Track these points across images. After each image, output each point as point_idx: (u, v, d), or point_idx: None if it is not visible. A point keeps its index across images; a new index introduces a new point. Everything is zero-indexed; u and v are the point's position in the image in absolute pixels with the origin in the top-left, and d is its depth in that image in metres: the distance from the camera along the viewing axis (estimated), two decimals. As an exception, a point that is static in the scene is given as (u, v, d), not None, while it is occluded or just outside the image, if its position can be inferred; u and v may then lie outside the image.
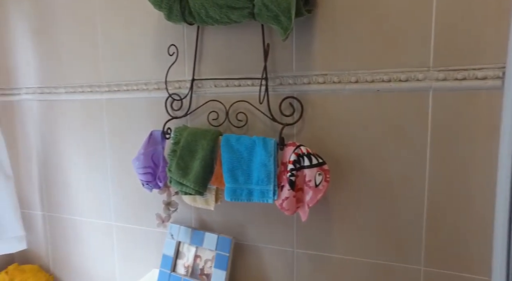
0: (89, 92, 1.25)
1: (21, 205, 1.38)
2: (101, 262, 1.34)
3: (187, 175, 0.94)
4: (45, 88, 1.32)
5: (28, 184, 1.43)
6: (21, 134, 1.41)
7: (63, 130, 1.32)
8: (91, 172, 1.30)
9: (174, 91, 1.08)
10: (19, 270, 1.37)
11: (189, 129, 0.99)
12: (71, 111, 1.30)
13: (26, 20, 1.32)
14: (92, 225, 1.33)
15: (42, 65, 1.32)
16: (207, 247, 1.08)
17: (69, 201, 1.36)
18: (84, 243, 1.36)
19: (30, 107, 1.37)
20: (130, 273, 1.30)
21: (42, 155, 1.39)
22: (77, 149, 1.31)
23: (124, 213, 1.26)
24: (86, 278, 1.39)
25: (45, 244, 1.45)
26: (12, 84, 1.38)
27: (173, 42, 1.06)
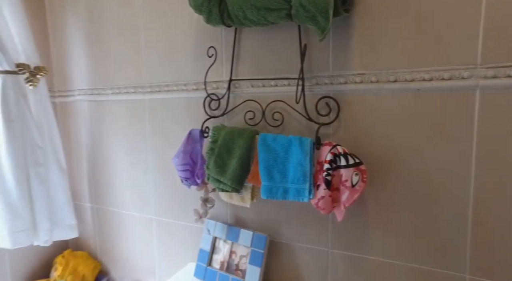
0: (132, 93, 1.33)
1: (73, 197, 1.49)
2: (142, 253, 1.42)
3: (225, 173, 0.97)
4: (94, 89, 1.43)
5: (79, 178, 1.56)
6: (74, 131, 1.54)
7: (110, 128, 1.42)
8: (134, 168, 1.38)
9: (212, 91, 1.12)
10: (72, 255, 1.50)
11: (227, 128, 1.02)
12: (117, 110, 1.39)
13: (81, 31, 1.43)
14: (134, 218, 1.42)
15: (92, 69, 1.43)
16: (242, 244, 1.11)
17: (114, 194, 1.46)
18: (127, 234, 1.45)
19: (82, 107, 1.49)
20: (168, 265, 1.36)
21: (91, 151, 1.50)
22: (122, 146, 1.40)
23: (164, 208, 1.33)
24: (129, 267, 1.48)
25: (93, 233, 1.56)
26: (68, 87, 1.51)
27: (212, 44, 1.10)
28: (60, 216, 1.41)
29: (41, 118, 1.35)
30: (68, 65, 1.50)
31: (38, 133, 1.32)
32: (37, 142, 1.32)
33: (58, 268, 1.45)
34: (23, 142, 1.28)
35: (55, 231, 1.39)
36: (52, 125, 1.38)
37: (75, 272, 1.44)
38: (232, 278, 1.09)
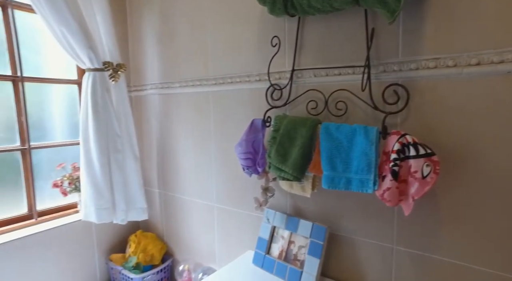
0: (198, 86, 1.40)
1: (144, 183, 1.64)
2: (203, 238, 1.51)
3: (286, 161, 0.98)
4: (164, 83, 1.55)
5: (149, 165, 1.70)
6: (146, 122, 1.68)
7: (177, 119, 1.53)
8: (198, 157, 1.46)
9: (275, 82, 1.14)
10: (143, 236, 1.64)
11: (289, 118, 1.03)
12: (184, 102, 1.49)
13: (155, 31, 1.56)
14: (197, 204, 1.50)
15: (163, 65, 1.55)
16: (301, 234, 1.11)
17: (179, 182, 1.56)
18: (191, 220, 1.55)
19: (153, 100, 1.63)
20: (227, 251, 1.42)
21: (160, 141, 1.63)
22: (187, 136, 1.49)
23: (225, 196, 1.39)
24: (191, 251, 1.57)
25: (161, 217, 1.70)
26: (142, 82, 1.66)
27: (275, 34, 1.12)
28: (133, 199, 1.56)
29: (120, 109, 1.50)
30: (143, 62, 1.65)
31: (117, 123, 1.47)
32: (117, 131, 1.47)
33: (131, 245, 1.61)
34: (106, 131, 1.44)
35: (129, 212, 1.54)
36: (128, 116, 1.53)
37: (145, 250, 1.58)
38: (290, 267, 1.10)
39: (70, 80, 1.63)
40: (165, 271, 1.61)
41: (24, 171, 1.45)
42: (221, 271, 1.18)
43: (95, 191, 1.42)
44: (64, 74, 1.61)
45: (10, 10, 1.38)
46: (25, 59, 1.43)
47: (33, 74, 1.47)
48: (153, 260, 1.59)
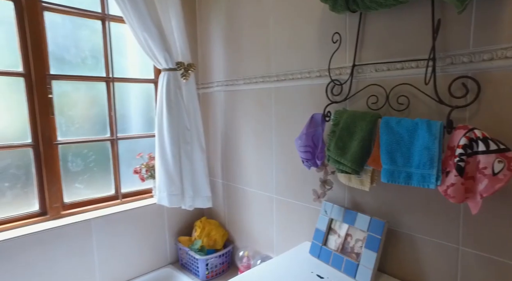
0: (261, 82, 1.48)
1: (209, 173, 1.78)
2: (262, 228, 1.59)
3: (345, 154, 1.00)
4: (229, 81, 1.66)
5: (214, 157, 1.84)
6: (212, 117, 1.83)
7: (241, 114, 1.63)
8: (259, 150, 1.55)
9: (335, 78, 1.16)
10: (207, 222, 1.79)
11: (349, 112, 1.05)
12: (247, 98, 1.58)
13: (221, 32, 1.69)
14: (258, 195, 1.59)
15: (228, 63, 1.66)
16: (359, 227, 1.12)
17: (241, 173, 1.67)
18: (251, 210, 1.64)
19: (218, 96, 1.76)
20: (285, 241, 1.48)
21: (224, 134, 1.75)
22: (250, 130, 1.59)
23: (284, 188, 1.45)
24: (250, 239, 1.67)
25: (223, 206, 1.83)
26: (209, 79, 1.81)
27: (336, 31, 1.14)
28: (199, 188, 1.70)
29: (189, 105, 1.65)
30: (210, 61, 1.79)
31: (187, 118, 1.63)
32: (186, 125, 1.63)
33: (197, 230, 1.76)
34: (177, 124, 1.60)
35: (196, 200, 1.70)
36: (196, 111, 1.67)
37: (209, 235, 1.72)
38: (346, 259, 1.12)
39: (148, 79, 1.84)
40: (226, 256, 1.73)
41: (112, 158, 1.69)
42: (278, 258, 1.24)
43: (168, 178, 1.60)
44: (141, 74, 1.83)
45: (107, 23, 1.62)
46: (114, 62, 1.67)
47: (119, 75, 1.70)
48: (216, 245, 1.72)
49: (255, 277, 1.11)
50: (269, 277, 1.10)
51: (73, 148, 1.58)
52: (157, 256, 1.76)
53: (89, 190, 1.64)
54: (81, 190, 1.61)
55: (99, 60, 1.64)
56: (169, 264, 1.81)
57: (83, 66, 1.60)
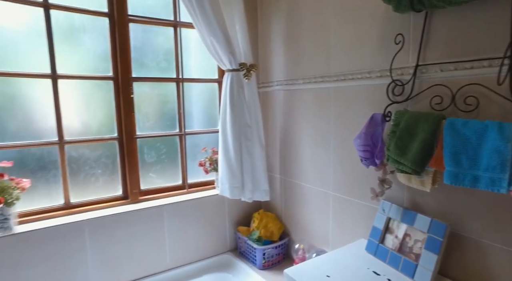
0: (320, 82, 1.52)
1: (267, 168, 1.87)
2: (318, 223, 1.64)
3: (405, 155, 1.01)
4: (289, 80, 1.73)
5: (273, 153, 1.93)
6: (271, 115, 1.91)
7: (299, 112, 1.69)
8: (317, 148, 1.59)
9: (397, 78, 1.16)
10: (265, 214, 1.89)
11: (410, 113, 1.05)
12: (306, 97, 1.63)
13: (281, 32, 1.76)
14: (314, 191, 1.64)
15: (288, 63, 1.73)
16: (419, 228, 1.11)
17: (299, 169, 1.73)
18: (307, 205, 1.70)
19: (278, 95, 1.83)
20: (340, 237, 1.51)
21: (283, 131, 1.83)
22: (308, 128, 1.64)
23: (341, 185, 1.48)
24: (306, 233, 1.73)
25: (280, 200, 1.91)
26: (269, 79, 1.89)
27: (399, 32, 1.14)
28: (258, 182, 1.81)
29: (250, 104, 1.75)
30: (270, 61, 1.87)
31: (248, 115, 1.74)
32: (247, 122, 1.74)
33: (255, 221, 1.87)
34: (239, 122, 1.72)
35: (255, 193, 1.80)
36: (257, 109, 1.77)
37: (266, 227, 1.82)
38: (404, 259, 1.12)
39: (212, 79, 1.99)
40: (282, 247, 1.81)
41: (180, 152, 1.87)
42: (334, 252, 1.29)
43: (230, 171, 1.73)
44: (203, 74, 1.97)
45: (179, 29, 1.80)
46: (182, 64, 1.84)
47: (186, 75, 1.87)
48: (272, 237, 1.81)
49: (313, 268, 1.18)
50: (326, 269, 1.16)
51: (148, 141, 1.79)
52: (218, 243, 1.91)
53: (160, 179, 1.84)
54: (154, 179, 1.82)
55: (171, 62, 1.82)
56: (228, 251, 1.95)
57: (158, 68, 1.79)
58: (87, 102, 1.61)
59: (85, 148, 1.62)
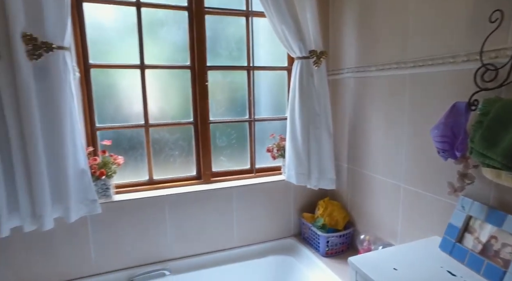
0: (395, 68, 1.44)
1: (335, 157, 1.85)
2: (386, 215, 1.57)
3: (494, 148, 0.91)
4: (360, 67, 1.66)
5: (341, 142, 1.89)
6: (340, 103, 1.87)
7: (370, 101, 1.62)
8: (388, 137, 1.52)
9: (489, 62, 1.04)
10: (330, 203, 1.89)
11: (504, 101, 0.93)
12: (378, 85, 1.56)
13: (354, 18, 1.69)
14: (384, 183, 1.58)
15: (360, 50, 1.66)
16: (509, 231, 1.00)
17: (368, 159, 1.68)
18: (375, 196, 1.64)
19: (348, 83, 1.78)
20: (410, 232, 1.44)
21: (352, 120, 1.78)
22: (379, 117, 1.57)
23: (414, 178, 1.39)
24: (372, 224, 1.68)
25: (347, 189, 1.88)
26: (339, 66, 1.85)
27: (496, 7, 1.01)
28: (325, 170, 1.80)
29: (320, 91, 1.74)
30: (341, 48, 1.82)
31: (317, 103, 1.73)
32: (316, 110, 1.73)
33: (320, 209, 1.88)
34: (308, 109, 1.72)
35: (320, 181, 1.80)
36: (326, 97, 1.75)
37: (331, 215, 1.82)
38: (488, 263, 1.03)
39: (282, 67, 2.01)
40: (347, 237, 1.79)
41: (249, 137, 1.96)
42: (403, 246, 1.24)
43: (297, 158, 1.75)
44: (272, 62, 2.00)
45: (250, 18, 1.85)
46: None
47: (256, 63, 1.92)
48: (337, 225, 1.80)
49: (379, 259, 1.15)
50: (394, 262, 1.12)
51: (220, 127, 1.90)
52: (282, 227, 1.97)
53: (230, 163, 1.95)
54: (224, 162, 1.94)
55: (242, 51, 1.89)
56: (292, 236, 2.00)
57: (230, 57, 1.88)
58: (167, 90, 1.78)
59: (166, 132, 1.80)
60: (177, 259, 1.75)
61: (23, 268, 1.50)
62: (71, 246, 1.56)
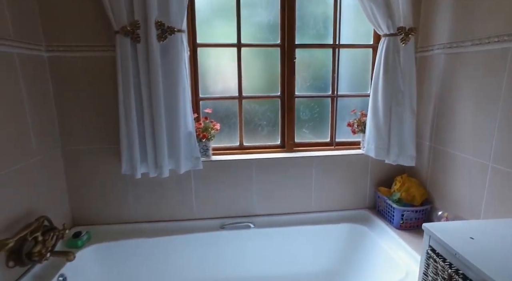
0: (496, 42, 1.38)
1: (416, 134, 1.86)
2: (469, 194, 1.57)
3: None
4: (453, 43, 1.62)
5: (424, 120, 1.89)
6: (427, 81, 1.85)
7: (461, 78, 1.59)
8: (478, 115, 1.49)
9: None
10: (407, 179, 1.93)
11: None
12: (472, 61, 1.51)
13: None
14: (469, 161, 1.56)
15: (454, 24, 1.61)
16: None
17: (453, 137, 1.66)
18: (458, 174, 1.64)
19: (438, 60, 1.75)
20: (495, 212, 1.42)
21: (438, 97, 1.76)
22: (470, 94, 1.54)
23: (504, 157, 1.37)
24: (452, 203, 1.68)
25: (427, 167, 1.89)
26: (429, 43, 1.81)
27: None
28: (405, 147, 1.83)
29: (405, 69, 1.75)
30: (432, 23, 1.78)
31: (401, 80, 1.75)
32: (400, 87, 1.76)
33: (397, 184, 1.93)
34: (391, 86, 1.76)
35: (400, 157, 1.85)
36: (412, 74, 1.75)
37: (408, 191, 1.86)
38: None
39: (367, 45, 2.04)
40: (423, 213, 1.83)
41: (330, 112, 2.08)
42: (485, 221, 1.25)
43: (377, 133, 1.82)
44: (355, 40, 2.04)
45: (340, -4, 1.93)
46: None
47: (342, 41, 2.00)
48: (414, 201, 1.84)
49: (455, 228, 1.20)
50: (472, 232, 1.16)
51: (304, 101, 2.06)
52: (357, 198, 2.08)
53: (312, 135, 2.11)
54: (306, 134, 2.11)
55: (329, 30, 1.98)
56: (366, 208, 2.10)
57: (317, 35, 1.99)
58: (259, 66, 1.99)
59: (256, 103, 2.03)
60: (260, 215, 2.01)
61: (146, 205, 1.93)
62: (178, 193, 1.93)
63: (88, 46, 1.68)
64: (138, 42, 1.57)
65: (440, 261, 1.12)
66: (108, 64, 1.70)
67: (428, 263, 1.20)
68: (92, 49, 1.68)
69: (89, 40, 1.68)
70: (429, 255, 1.19)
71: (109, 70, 1.71)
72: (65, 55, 1.67)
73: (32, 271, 1.45)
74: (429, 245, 1.21)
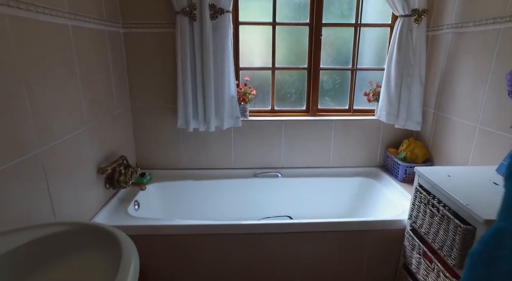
0: (491, 24, 1.66)
1: (423, 103, 2.17)
2: (460, 151, 1.89)
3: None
4: (459, 23, 1.90)
5: (430, 90, 2.19)
6: (435, 57, 2.13)
7: (463, 54, 1.87)
8: (473, 86, 1.79)
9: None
10: (413, 142, 2.27)
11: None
12: (472, 40, 1.80)
13: (460, -26, 1.89)
14: (463, 124, 1.88)
15: (461, 7, 1.88)
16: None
17: (453, 105, 1.97)
18: (454, 136, 1.96)
19: (445, 38, 2.03)
20: (481, 164, 1.75)
21: (444, 71, 2.05)
22: (468, 67, 1.83)
23: (490, 120, 1.68)
24: (447, 161, 2.01)
25: (430, 132, 2.21)
26: (439, 23, 2.09)
27: None
28: (412, 113, 2.16)
29: (416, 45, 2.05)
30: (443, 6, 2.04)
31: (412, 55, 2.05)
32: (411, 60, 2.07)
33: (403, 145, 2.28)
34: (403, 60, 2.07)
35: (408, 122, 2.19)
36: (422, 50, 2.05)
37: (413, 151, 2.21)
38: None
39: (385, 24, 2.33)
40: (424, 169, 2.18)
41: (350, 83, 2.42)
42: (464, 167, 1.60)
43: (388, 101, 2.16)
44: (375, 20, 2.33)
45: (363, -19, 2.21)
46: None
47: (364, 21, 2.29)
48: (417, 160, 2.19)
49: (438, 170, 1.56)
50: (451, 172, 1.52)
51: (327, 73, 2.40)
52: (369, 157, 2.45)
53: (332, 103, 2.47)
54: (328, 102, 2.47)
55: (352, 10, 2.28)
56: (376, 166, 2.47)
57: (341, 15, 2.30)
58: (289, 41, 2.34)
59: (286, 74, 2.40)
60: (286, 168, 2.43)
61: (194, 155, 2.40)
62: (221, 146, 2.37)
63: (155, 23, 2.09)
64: (194, 20, 1.96)
65: (424, 192, 1.51)
66: (169, 38, 2.11)
67: (416, 195, 1.58)
68: (157, 26, 2.10)
69: (155, 19, 2.09)
70: (417, 189, 1.57)
71: (170, 43, 2.12)
72: (136, 31, 2.10)
73: (117, 195, 1.97)
74: (418, 183, 1.59)
